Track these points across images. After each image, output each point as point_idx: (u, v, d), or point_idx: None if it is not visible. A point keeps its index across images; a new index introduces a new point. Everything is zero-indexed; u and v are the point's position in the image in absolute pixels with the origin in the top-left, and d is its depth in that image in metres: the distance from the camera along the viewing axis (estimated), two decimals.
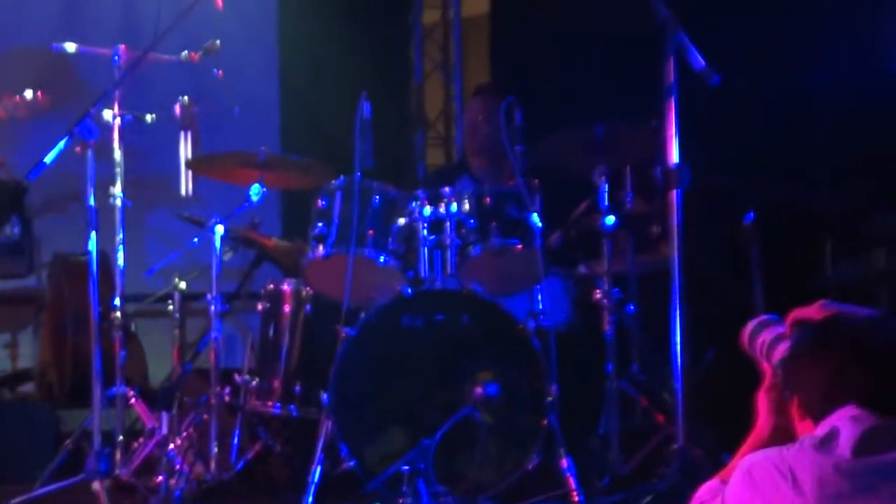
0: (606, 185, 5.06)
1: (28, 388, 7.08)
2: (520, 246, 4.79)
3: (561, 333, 4.94)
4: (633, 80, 5.25)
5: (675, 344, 4.21)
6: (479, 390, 4.50)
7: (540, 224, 4.80)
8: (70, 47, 5.60)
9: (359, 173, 4.78)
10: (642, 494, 4.30)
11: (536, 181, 4.90)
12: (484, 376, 4.54)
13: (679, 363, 4.21)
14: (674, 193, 4.24)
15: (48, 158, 4.45)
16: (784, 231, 5.86)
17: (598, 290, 5.07)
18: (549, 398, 4.56)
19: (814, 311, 2.38)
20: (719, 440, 4.68)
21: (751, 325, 2.52)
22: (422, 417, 4.54)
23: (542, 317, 4.92)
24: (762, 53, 6.34)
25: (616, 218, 5.04)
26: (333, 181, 4.93)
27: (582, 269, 5.52)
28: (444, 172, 7.08)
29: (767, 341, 2.46)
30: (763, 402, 2.50)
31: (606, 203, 5.06)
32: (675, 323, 4.21)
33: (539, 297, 5.04)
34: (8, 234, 6.74)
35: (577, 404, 4.87)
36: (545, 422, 4.54)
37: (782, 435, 2.41)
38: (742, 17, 6.42)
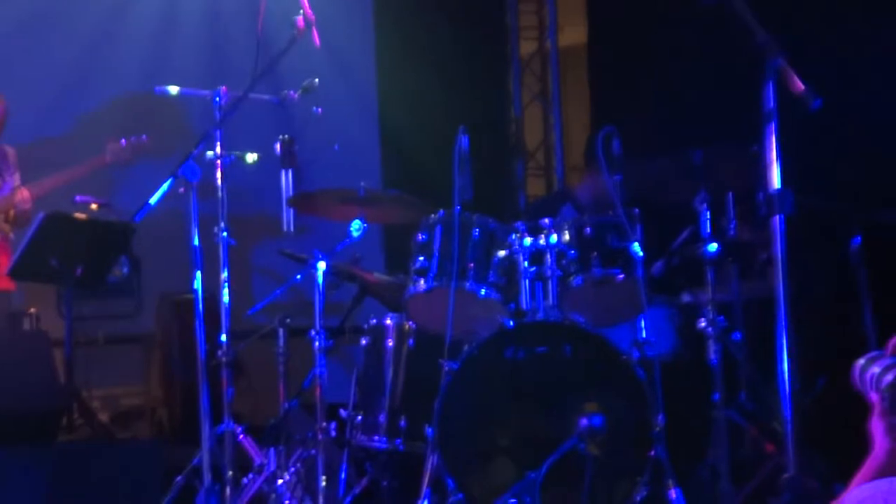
0: (708, 212, 5.01)
1: (139, 425, 7.19)
2: (621, 276, 4.76)
3: (666, 363, 4.89)
4: (732, 104, 5.19)
5: (783, 371, 4.13)
6: (583, 422, 4.43)
7: (641, 253, 4.76)
8: (173, 90, 5.69)
9: (458, 206, 4.78)
10: None
11: (636, 210, 4.86)
12: (589, 408, 4.48)
13: (787, 391, 4.13)
14: (776, 219, 4.17)
15: (153, 200, 4.52)
16: (892, 254, 5.74)
17: (702, 319, 4.99)
18: (656, 429, 4.50)
19: None
20: (831, 468, 4.59)
21: (859, 363, 2.49)
22: (527, 450, 4.51)
23: (646, 346, 4.87)
24: (864, 72, 6.25)
25: (719, 245, 4.98)
26: (433, 215, 4.93)
27: (686, 298, 5.47)
28: (546, 202, 7.07)
29: (877, 373, 2.43)
30: (878, 428, 2.45)
31: (709, 230, 5.00)
32: (782, 350, 4.13)
33: (642, 326, 5.00)
34: (117, 274, 6.86)
35: (684, 434, 4.80)
36: (652, 453, 4.49)
37: None
38: (843, 36, 6.33)
